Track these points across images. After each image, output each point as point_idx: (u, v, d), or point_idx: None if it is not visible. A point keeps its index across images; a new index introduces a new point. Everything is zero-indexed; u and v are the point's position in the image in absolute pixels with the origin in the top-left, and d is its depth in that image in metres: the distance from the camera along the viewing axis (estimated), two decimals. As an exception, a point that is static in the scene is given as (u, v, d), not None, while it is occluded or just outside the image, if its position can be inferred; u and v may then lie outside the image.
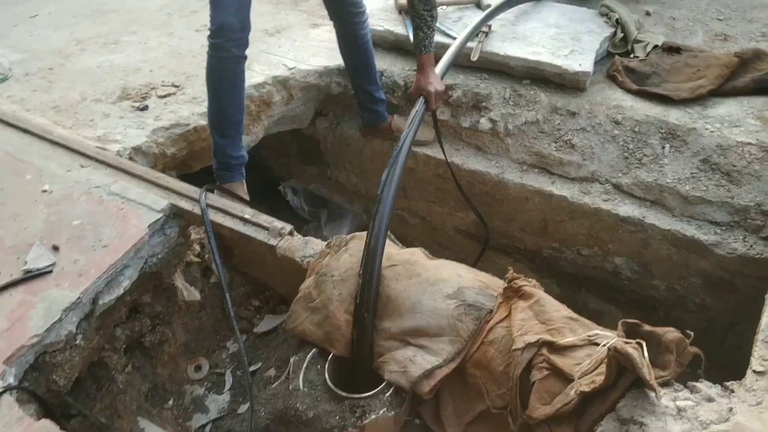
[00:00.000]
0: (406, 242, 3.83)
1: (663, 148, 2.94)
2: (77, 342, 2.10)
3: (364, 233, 2.27)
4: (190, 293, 2.51)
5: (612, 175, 3.00)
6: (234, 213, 2.29)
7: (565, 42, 3.26)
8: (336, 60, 3.31)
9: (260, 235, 2.23)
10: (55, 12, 3.95)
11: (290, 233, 2.29)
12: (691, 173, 2.86)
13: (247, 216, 2.28)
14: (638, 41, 3.37)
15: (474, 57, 3.20)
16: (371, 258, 2.15)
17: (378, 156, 3.52)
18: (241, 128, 2.68)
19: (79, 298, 2.05)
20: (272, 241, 2.21)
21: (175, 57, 3.43)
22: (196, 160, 3.03)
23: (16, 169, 2.53)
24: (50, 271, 2.13)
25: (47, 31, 3.71)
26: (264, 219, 2.28)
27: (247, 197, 2.70)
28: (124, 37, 3.65)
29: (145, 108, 2.98)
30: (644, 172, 2.93)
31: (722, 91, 3.06)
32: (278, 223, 2.25)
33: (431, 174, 3.39)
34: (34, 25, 3.79)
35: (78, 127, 2.83)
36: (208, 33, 2.45)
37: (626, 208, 2.93)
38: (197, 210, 2.31)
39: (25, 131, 2.70)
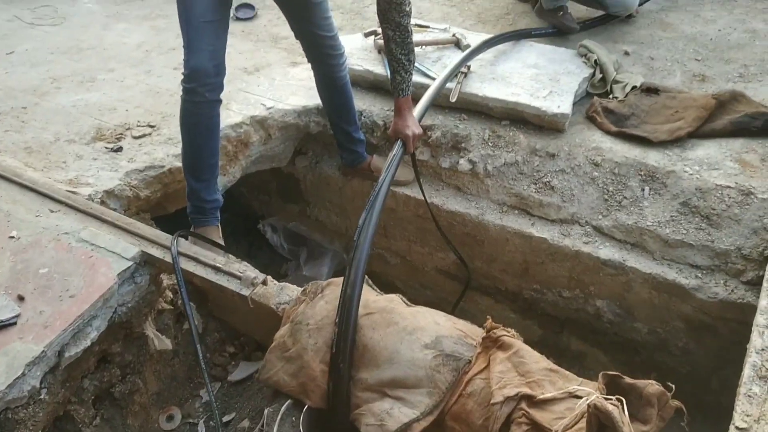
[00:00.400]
0: (387, 282, 3.83)
1: (643, 190, 2.93)
2: (41, 397, 2.03)
3: (341, 279, 2.22)
4: (162, 342, 2.44)
5: (592, 217, 2.98)
6: (206, 261, 2.23)
7: (544, 83, 3.25)
8: (315, 99, 3.28)
9: (232, 285, 2.18)
10: (31, 49, 3.91)
11: (263, 282, 2.23)
12: (671, 216, 2.84)
13: (219, 264, 2.23)
14: (617, 82, 3.38)
15: (453, 98, 3.19)
16: (347, 306, 2.10)
17: (358, 195, 3.48)
18: (216, 171, 2.63)
19: (43, 351, 1.98)
20: (244, 291, 2.16)
21: (152, 96, 3.39)
22: (170, 201, 2.97)
23: (-17, 214, 2.47)
24: (14, 323, 2.06)
25: (23, 68, 3.66)
26: (237, 268, 2.23)
27: (221, 242, 2.65)
28: (101, 74, 3.61)
29: (119, 149, 2.93)
30: (624, 215, 2.92)
31: (701, 133, 3.06)
32: (251, 272, 2.20)
33: (411, 214, 3.36)
34: (9, 62, 3.75)
35: (49, 170, 2.77)
36: (182, 77, 2.42)
37: (607, 251, 2.91)
38: (169, 258, 2.25)
39: (-6, 174, 2.64)
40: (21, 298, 2.14)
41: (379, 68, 3.45)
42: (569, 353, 3.34)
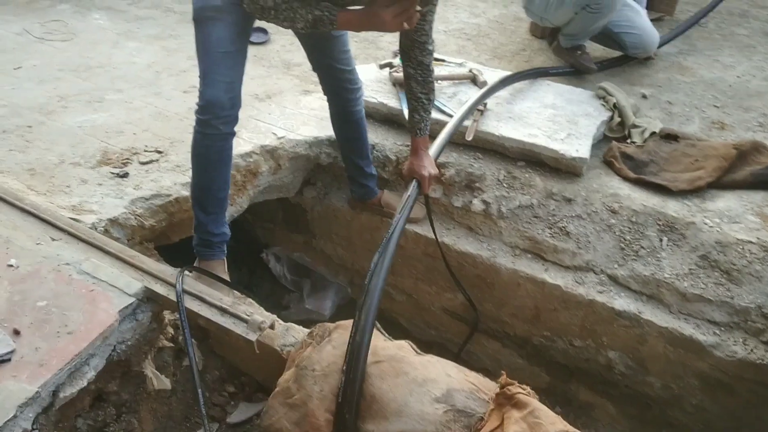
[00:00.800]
0: (391, 319, 3.74)
1: (661, 240, 2.85)
2: (32, 439, 1.93)
3: (350, 323, 2.15)
4: (161, 382, 2.34)
5: (608, 265, 2.90)
6: (211, 302, 2.14)
7: (562, 125, 3.19)
8: (327, 130, 3.21)
9: (239, 329, 2.08)
10: (39, 65, 3.83)
11: (271, 326, 2.14)
12: (690, 269, 2.77)
13: (225, 306, 2.13)
14: (635, 126, 3.32)
15: (469, 137, 3.12)
16: (356, 354, 2.02)
17: (366, 230, 3.40)
18: (225, 205, 2.55)
19: (37, 392, 1.87)
20: (251, 336, 2.06)
21: (160, 119, 3.32)
22: (175, 231, 2.89)
23: (-19, 239, 2.37)
24: (9, 359, 1.96)
25: (30, 85, 3.58)
26: (243, 310, 2.13)
27: (226, 277, 2.55)
28: (109, 95, 3.53)
29: (125, 175, 2.84)
30: (641, 265, 2.84)
31: (721, 183, 3.00)
32: (258, 316, 2.10)
33: (420, 252, 3.27)
34: (16, 77, 3.66)
35: (53, 194, 2.69)
36: (196, 107, 2.34)
37: (622, 302, 2.83)
38: (173, 295, 2.16)
39: (-5, 197, 2.54)
40: (17, 333, 2.03)
41: (393, 101, 3.38)
42: (577, 403, 3.25)
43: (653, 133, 3.28)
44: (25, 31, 4.27)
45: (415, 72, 2.49)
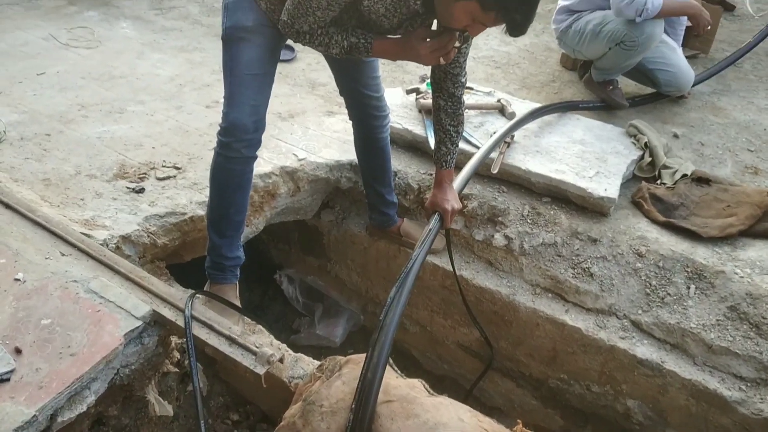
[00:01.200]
0: (403, 350, 3.64)
1: (688, 288, 2.74)
2: (27, 464, 1.85)
3: (361, 357, 2.05)
4: (163, 408, 2.26)
5: (631, 310, 2.79)
6: (220, 330, 2.06)
7: (591, 162, 3.10)
8: (349, 154, 3.15)
9: (247, 360, 2.00)
10: (63, 71, 3.81)
11: (280, 360, 2.06)
12: (717, 320, 2.65)
13: (234, 335, 2.05)
14: (666, 167, 3.22)
15: (494, 170, 3.03)
16: (366, 392, 1.93)
17: (383, 258, 3.32)
18: (241, 228, 2.48)
19: (35, 416, 1.80)
20: (259, 369, 1.98)
21: (180, 134, 3.27)
22: (188, 251, 2.82)
23: (-10, 250, 2.32)
24: (8, 379, 1.89)
25: (52, 92, 3.55)
26: (253, 341, 2.05)
27: (237, 302, 2.47)
28: (131, 106, 3.50)
29: (141, 190, 2.78)
30: (666, 312, 2.73)
31: (753, 231, 2.88)
32: (268, 349, 2.02)
33: (438, 284, 3.18)
34: (39, 83, 3.64)
35: (66, 206, 2.63)
36: (219, 128, 2.27)
37: (644, 350, 2.71)
38: (180, 320, 2.09)
39: (7, 206, 2.49)
40: (18, 351, 1.97)
41: (419, 128, 3.31)
42: (591, 450, 3.13)
43: (684, 175, 3.17)
44: (51, 37, 4.26)
45: (446, 104, 2.42)
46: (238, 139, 2.23)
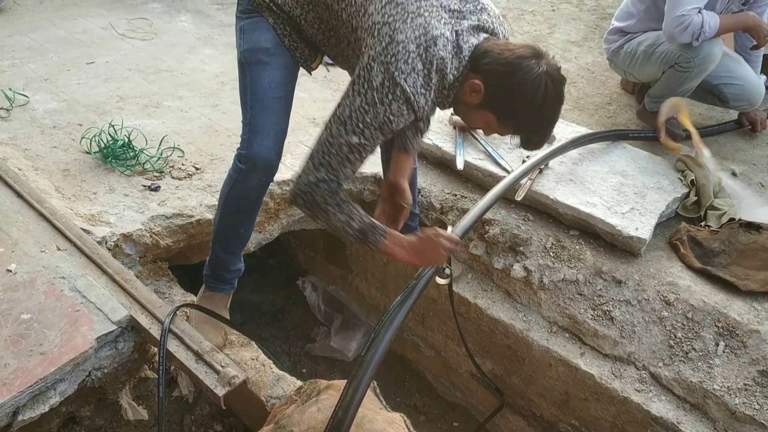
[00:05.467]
0: (417, 371, 3.52)
1: (717, 345, 2.50)
2: (-15, 459, 1.86)
3: (343, 383, 1.96)
4: (137, 412, 2.24)
5: (651, 362, 2.58)
6: (190, 345, 2.00)
7: (627, 196, 2.88)
8: (374, 167, 3.03)
9: (209, 379, 1.94)
10: (111, 62, 3.87)
11: (244, 383, 1.98)
12: (745, 384, 2.41)
13: (202, 351, 1.99)
14: (714, 208, 2.95)
15: (519, 197, 2.86)
16: (337, 428, 1.83)
17: (401, 276, 3.21)
18: (246, 242, 2.37)
19: (-7, 412, 1.81)
20: (219, 390, 1.91)
21: (209, 133, 3.25)
22: (195, 253, 2.79)
23: (-8, 237, 2.35)
24: (-25, 372, 1.91)
25: (96, 82, 3.62)
26: (220, 359, 1.98)
27: (226, 313, 2.40)
28: (168, 101, 3.51)
29: (156, 188, 2.77)
30: (689, 369, 2.50)
31: (801, 290, 2.61)
32: (232, 370, 1.95)
33: (452, 310, 3.04)
34: (86, 72, 3.71)
35: (77, 199, 2.65)
36: (239, 153, 2.14)
37: (660, 406, 2.49)
38: (154, 329, 2.05)
39: (19, 195, 2.53)
40: (-8, 344, 1.99)
41: (449, 145, 3.17)
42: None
43: (732, 219, 2.91)
44: (110, 26, 4.36)
45: None
46: (260, 170, 2.12)
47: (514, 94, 1.73)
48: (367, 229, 1.92)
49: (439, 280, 2.32)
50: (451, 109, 2.65)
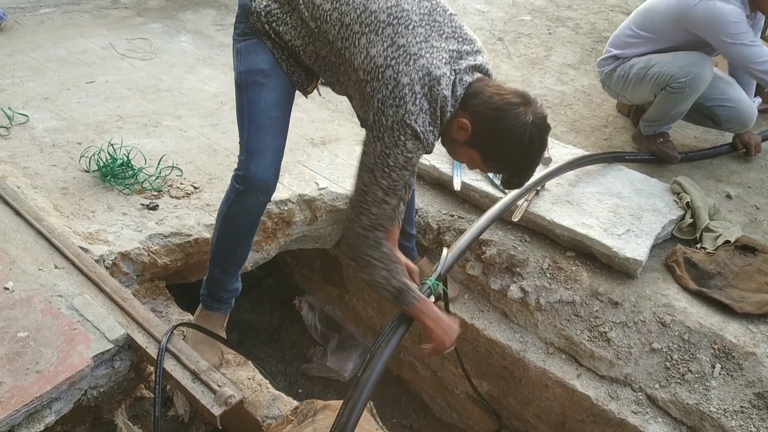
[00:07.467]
0: (413, 392, 3.51)
1: (713, 367, 2.51)
2: (-21, 478, 1.85)
3: (339, 404, 1.95)
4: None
5: (647, 384, 2.58)
6: (187, 364, 2.00)
7: (623, 218, 2.90)
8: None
9: (205, 398, 1.93)
10: (112, 81, 3.90)
11: (240, 402, 1.98)
12: (741, 407, 2.41)
13: (199, 370, 1.99)
14: (709, 230, 2.97)
15: (515, 218, 2.88)
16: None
17: (398, 296, 3.21)
18: (243, 262, 2.38)
19: (-13, 430, 1.80)
20: (215, 410, 1.91)
21: (207, 153, 3.27)
22: (193, 272, 2.80)
23: (-10, 255, 2.35)
24: (-30, 390, 1.90)
25: (95, 101, 3.64)
26: (217, 379, 1.98)
27: (223, 332, 2.40)
28: (167, 120, 3.53)
29: (155, 207, 2.78)
30: (685, 391, 2.50)
31: (797, 312, 2.62)
32: (229, 389, 1.95)
33: (449, 331, 3.04)
34: (86, 91, 3.74)
35: (75, 217, 2.66)
36: (235, 173, 2.17)
37: (657, 428, 2.49)
38: (151, 349, 2.04)
39: (17, 213, 2.53)
40: (-12, 362, 1.98)
41: (446, 166, 3.20)
42: None
43: (728, 242, 2.92)
44: (110, 46, 4.39)
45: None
46: (257, 191, 2.14)
47: (500, 138, 1.80)
48: (405, 289, 2.03)
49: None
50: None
